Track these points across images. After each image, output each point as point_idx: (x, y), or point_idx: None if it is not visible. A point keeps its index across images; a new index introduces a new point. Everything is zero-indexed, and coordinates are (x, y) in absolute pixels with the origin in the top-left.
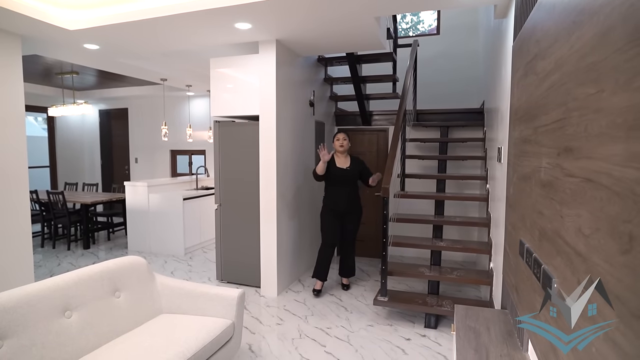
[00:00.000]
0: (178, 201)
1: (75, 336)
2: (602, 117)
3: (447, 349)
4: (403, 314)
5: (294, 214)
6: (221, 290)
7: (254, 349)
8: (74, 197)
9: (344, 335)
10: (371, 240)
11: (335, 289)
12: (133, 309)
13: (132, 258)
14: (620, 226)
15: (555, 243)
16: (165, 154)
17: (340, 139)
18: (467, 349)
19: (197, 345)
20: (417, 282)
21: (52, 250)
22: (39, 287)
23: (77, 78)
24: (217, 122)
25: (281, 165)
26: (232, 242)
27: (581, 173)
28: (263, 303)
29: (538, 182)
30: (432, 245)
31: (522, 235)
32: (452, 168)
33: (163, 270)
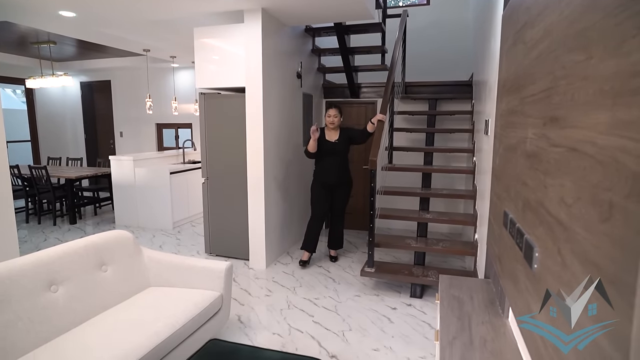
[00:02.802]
0: (165, 175)
1: (62, 310)
2: (589, 85)
3: (432, 317)
4: (389, 284)
5: (282, 187)
6: (209, 263)
7: (243, 319)
8: (57, 172)
9: (331, 306)
10: (359, 213)
11: (323, 260)
12: (120, 282)
13: (117, 232)
14: (601, 194)
15: (538, 213)
16: (150, 128)
17: (331, 116)
18: (451, 317)
19: (186, 316)
20: (403, 253)
21: (37, 225)
22: (22, 262)
23: (54, 48)
24: (202, 95)
25: (269, 137)
26: (220, 216)
27: (566, 142)
28: (252, 275)
29: (523, 153)
30: (418, 217)
31: (507, 206)
32: (440, 141)
33: (151, 244)
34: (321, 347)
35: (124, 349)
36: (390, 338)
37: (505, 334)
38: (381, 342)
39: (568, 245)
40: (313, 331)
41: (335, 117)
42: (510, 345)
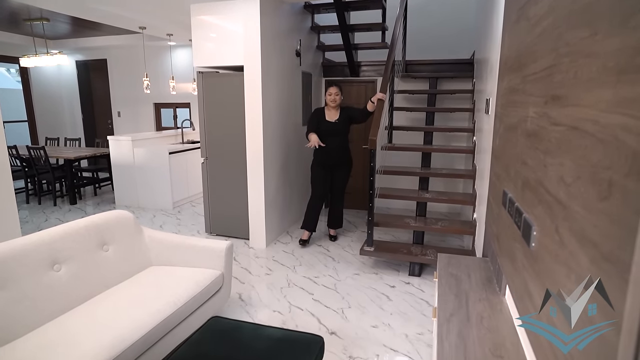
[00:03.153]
0: (164, 155)
1: (65, 288)
2: (593, 62)
3: (430, 295)
4: (388, 263)
5: (282, 166)
6: (210, 243)
7: (244, 297)
8: (56, 153)
9: (331, 284)
10: (358, 193)
11: (323, 240)
12: (122, 261)
13: (118, 212)
14: (601, 173)
15: (537, 192)
16: (148, 107)
17: (332, 94)
18: (448, 294)
19: (188, 294)
20: (402, 232)
21: (38, 206)
22: (24, 242)
23: (48, 25)
24: (200, 73)
25: (267, 117)
26: (219, 196)
27: (567, 121)
28: (252, 254)
29: (524, 132)
30: (418, 197)
31: (506, 185)
32: (440, 120)
33: (152, 224)
34: (321, 324)
35: (128, 326)
36: (388, 315)
37: (501, 311)
38: (380, 319)
39: (566, 223)
40: (313, 309)
41: (336, 95)
42: (507, 322)
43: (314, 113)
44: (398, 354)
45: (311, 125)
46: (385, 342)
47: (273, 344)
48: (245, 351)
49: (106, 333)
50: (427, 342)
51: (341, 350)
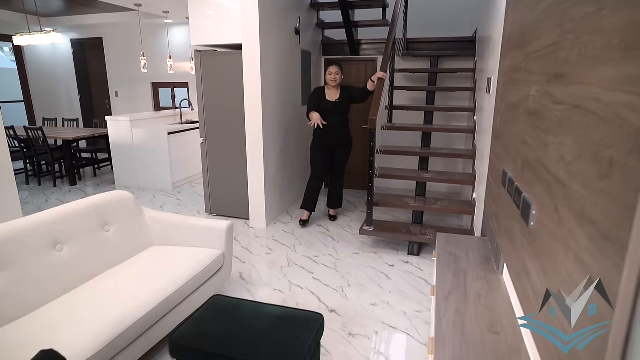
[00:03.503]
0: (163, 136)
1: (68, 268)
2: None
3: (428, 274)
4: (388, 242)
5: (281, 146)
6: (210, 223)
7: (245, 276)
8: (54, 133)
9: (330, 263)
10: (358, 173)
11: (322, 220)
12: (123, 241)
13: (118, 193)
14: (602, 152)
15: (537, 171)
16: (146, 87)
17: (332, 73)
18: (447, 273)
19: (189, 273)
20: (402, 212)
21: (37, 187)
22: (26, 222)
23: (40, 2)
24: (198, 52)
25: (266, 96)
26: (219, 176)
27: (569, 100)
28: (252, 234)
29: (525, 111)
30: (417, 177)
31: (506, 165)
32: (441, 100)
33: (152, 205)
34: (321, 302)
35: (131, 305)
36: (387, 293)
37: (499, 289)
38: (379, 298)
39: (565, 202)
40: (313, 287)
41: (336, 75)
42: (504, 300)
43: (314, 92)
44: (397, 331)
45: (311, 104)
46: (384, 319)
47: (274, 322)
48: (246, 328)
49: (109, 311)
50: (425, 319)
51: (341, 328)
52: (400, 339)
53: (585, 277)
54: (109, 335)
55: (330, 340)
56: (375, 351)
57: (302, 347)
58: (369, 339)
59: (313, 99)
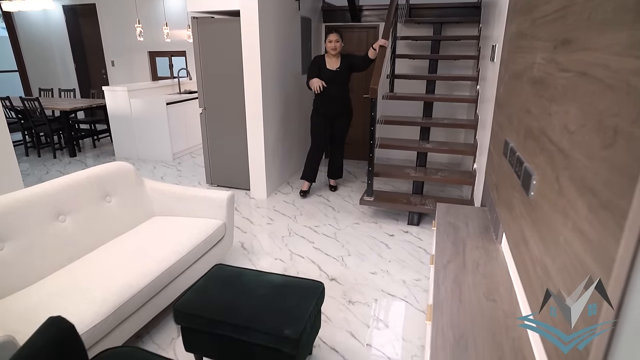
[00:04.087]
0: (161, 106)
1: (72, 238)
2: (610, 1)
3: (428, 243)
4: (388, 212)
5: (281, 116)
6: (211, 193)
7: (246, 246)
8: (51, 104)
9: (331, 233)
10: (358, 143)
11: (323, 190)
12: (125, 212)
13: (118, 164)
14: (607, 120)
15: (539, 141)
16: (143, 56)
17: (332, 41)
18: (446, 242)
19: (191, 243)
20: (402, 182)
21: (37, 159)
22: (28, 194)
23: None
24: (195, 19)
25: (266, 64)
26: (219, 146)
27: (576, 67)
28: (253, 204)
29: (529, 80)
30: (418, 147)
31: (508, 135)
32: (444, 68)
33: (152, 176)
34: (321, 271)
35: (135, 274)
36: (387, 262)
37: (497, 258)
38: (378, 266)
39: (567, 172)
40: (313, 256)
41: (337, 43)
42: (502, 268)
43: (314, 61)
44: (395, 298)
45: (311, 73)
46: (384, 287)
47: (275, 290)
48: (248, 296)
49: (114, 280)
50: (423, 287)
51: (341, 295)
52: (398, 306)
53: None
54: (115, 302)
55: (331, 307)
56: (374, 318)
57: (303, 313)
58: (368, 306)
59: (313, 68)
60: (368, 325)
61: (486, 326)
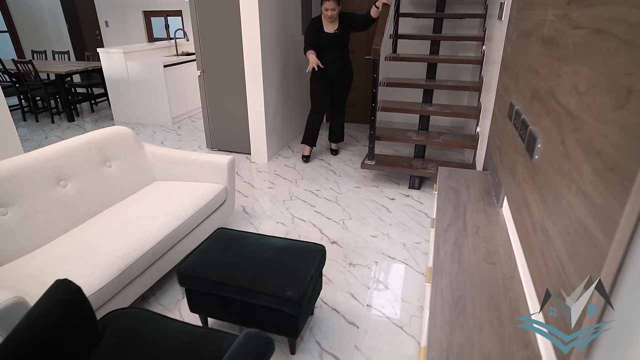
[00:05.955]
0: (159, 69)
1: (74, 203)
2: None
3: (429, 207)
4: (389, 176)
5: (281, 78)
6: (212, 157)
7: (248, 210)
8: (45, 67)
9: (332, 197)
10: (360, 106)
11: (324, 154)
12: (126, 177)
13: (117, 128)
14: (621, 80)
15: (546, 103)
16: (137, 16)
17: (328, 9)
18: (447, 206)
19: (193, 207)
20: (404, 146)
21: (35, 124)
22: (27, 159)
23: None
24: None
25: (265, 24)
26: (219, 110)
27: (590, 23)
28: (254, 169)
29: (539, 38)
30: (421, 110)
31: (514, 97)
32: (449, 28)
33: (152, 140)
34: (322, 234)
35: (139, 237)
36: (387, 226)
37: (497, 222)
38: (379, 230)
39: (573, 135)
40: (315, 220)
41: (333, 11)
42: (502, 232)
43: (311, 24)
44: (395, 261)
45: (309, 38)
46: (384, 250)
47: (277, 252)
48: (250, 259)
49: (119, 244)
50: (423, 250)
51: (342, 258)
52: (398, 268)
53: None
54: (120, 265)
55: (332, 269)
56: (375, 279)
57: (304, 275)
58: (368, 269)
59: (310, 33)
60: (368, 287)
61: (484, 287)
